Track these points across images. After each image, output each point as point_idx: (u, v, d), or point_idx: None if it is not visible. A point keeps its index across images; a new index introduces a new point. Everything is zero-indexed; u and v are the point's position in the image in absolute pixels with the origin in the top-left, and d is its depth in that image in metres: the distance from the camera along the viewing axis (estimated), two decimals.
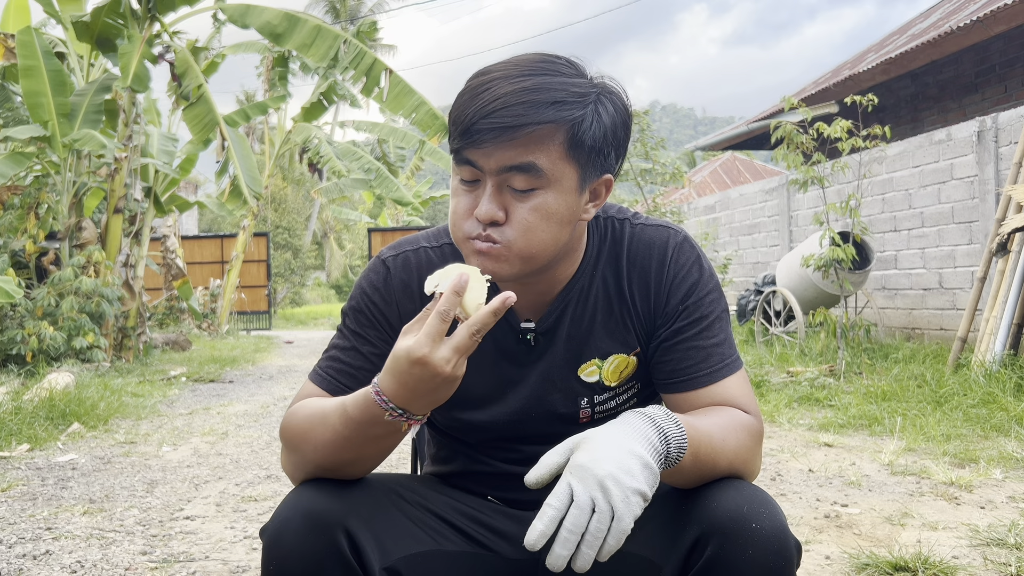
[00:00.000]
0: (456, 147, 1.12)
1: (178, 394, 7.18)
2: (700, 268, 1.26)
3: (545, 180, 1.11)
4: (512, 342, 1.28)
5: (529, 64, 1.12)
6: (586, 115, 1.11)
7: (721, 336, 1.24)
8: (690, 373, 1.22)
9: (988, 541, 2.55)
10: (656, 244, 1.26)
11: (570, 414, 1.29)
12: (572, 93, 1.10)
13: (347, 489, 1.14)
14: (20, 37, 8.21)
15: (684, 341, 1.23)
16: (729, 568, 1.03)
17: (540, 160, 1.09)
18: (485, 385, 1.29)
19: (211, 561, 2.63)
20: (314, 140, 16.08)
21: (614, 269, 1.27)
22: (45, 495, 3.57)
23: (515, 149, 1.09)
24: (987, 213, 6.67)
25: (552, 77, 1.10)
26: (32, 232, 8.74)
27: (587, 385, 1.28)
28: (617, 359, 1.28)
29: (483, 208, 1.11)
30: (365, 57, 9.29)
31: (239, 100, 35.73)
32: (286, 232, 30.92)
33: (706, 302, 1.24)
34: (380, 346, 1.26)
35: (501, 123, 1.07)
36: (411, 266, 1.30)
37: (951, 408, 4.66)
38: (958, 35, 8.63)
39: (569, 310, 1.27)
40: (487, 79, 1.11)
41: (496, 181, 1.11)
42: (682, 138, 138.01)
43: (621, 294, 1.27)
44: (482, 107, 1.08)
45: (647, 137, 10.27)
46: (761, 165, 25.73)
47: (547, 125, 1.08)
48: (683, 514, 1.11)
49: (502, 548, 1.28)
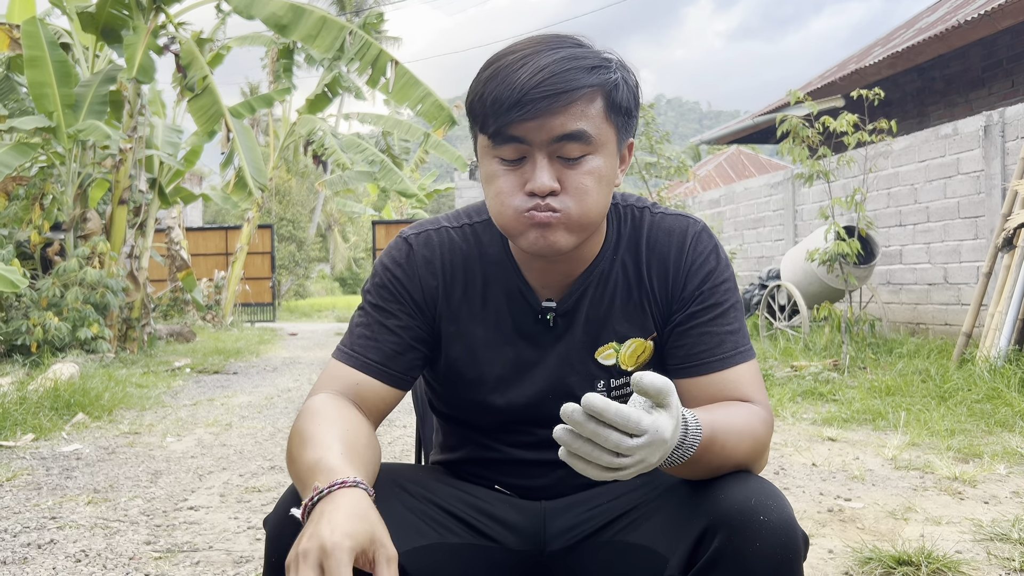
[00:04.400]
0: (500, 125, 1.11)
1: (182, 385, 7.19)
2: (717, 257, 1.27)
3: (594, 145, 1.13)
4: (531, 322, 1.28)
5: (551, 40, 1.14)
6: (618, 79, 1.15)
7: (736, 325, 1.24)
8: (703, 358, 1.22)
9: (991, 536, 2.55)
10: (676, 232, 1.28)
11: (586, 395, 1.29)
12: (602, 59, 1.14)
13: None
14: (25, 27, 8.21)
15: (698, 326, 1.24)
16: (736, 560, 1.03)
17: (589, 126, 1.12)
18: (503, 365, 1.29)
19: (215, 551, 2.64)
20: (319, 132, 16.07)
21: (634, 255, 1.28)
22: (50, 485, 3.58)
23: (565, 116, 1.10)
24: (993, 208, 6.65)
25: (579, 48, 1.14)
26: (37, 223, 8.75)
27: (604, 368, 1.29)
28: (635, 343, 1.28)
29: (541, 180, 1.11)
30: (371, 48, 9.27)
31: (244, 92, 35.70)
32: (290, 224, 30.91)
33: (721, 290, 1.25)
34: (404, 319, 1.27)
35: (553, 90, 1.08)
36: (433, 244, 1.30)
37: (955, 403, 4.66)
38: (965, 29, 8.59)
39: (589, 292, 1.28)
40: (519, 56, 1.12)
41: (548, 152, 1.12)
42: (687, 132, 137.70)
43: (640, 279, 1.28)
44: (528, 79, 1.09)
45: (652, 131, 10.26)
46: (766, 159, 25.67)
47: (591, 89, 1.11)
48: (690, 506, 1.11)
49: (507, 539, 1.28)
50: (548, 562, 1.28)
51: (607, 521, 1.24)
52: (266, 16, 9.18)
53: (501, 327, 1.28)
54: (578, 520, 1.27)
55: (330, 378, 1.25)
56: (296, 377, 7.97)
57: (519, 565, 1.28)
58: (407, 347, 1.27)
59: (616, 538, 1.21)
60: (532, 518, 1.30)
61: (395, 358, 1.26)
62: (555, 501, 1.32)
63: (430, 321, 1.29)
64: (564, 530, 1.28)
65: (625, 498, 1.25)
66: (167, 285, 15.58)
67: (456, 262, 1.29)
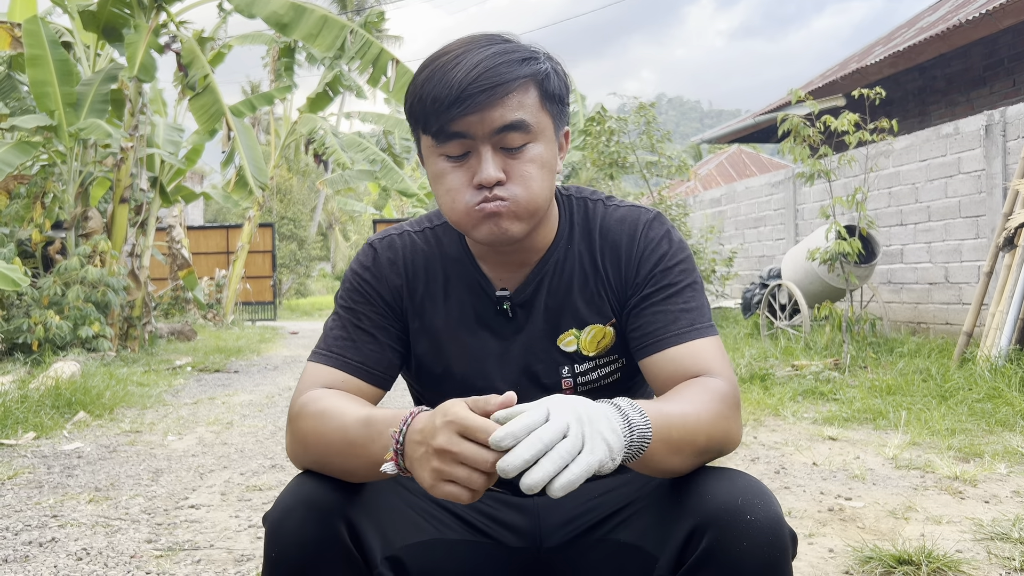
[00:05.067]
0: (442, 124, 1.15)
1: (183, 384, 7.20)
2: (670, 241, 1.30)
3: (534, 133, 1.18)
4: (492, 313, 1.32)
5: (480, 39, 1.20)
6: (548, 69, 1.20)
7: (692, 304, 1.26)
8: (659, 335, 1.23)
9: (992, 535, 2.55)
10: (628, 220, 1.32)
11: (552, 384, 1.31)
12: (531, 52, 1.20)
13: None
14: (27, 26, 8.21)
15: (652, 306, 1.26)
16: (724, 559, 1.03)
17: (526, 115, 1.17)
18: (468, 357, 1.32)
19: (216, 549, 2.64)
20: (320, 131, 16.08)
21: (588, 244, 1.32)
22: (51, 483, 3.58)
23: (504, 108, 1.15)
24: (994, 207, 6.65)
25: (509, 43, 1.19)
26: (38, 221, 8.76)
27: (566, 355, 1.31)
28: (594, 329, 1.31)
29: (487, 172, 1.16)
30: (371, 47, 9.28)
31: (245, 91, 35.72)
32: (291, 223, 30.93)
33: (675, 271, 1.27)
34: (377, 319, 1.30)
35: (489, 83, 1.13)
36: (396, 247, 1.35)
37: (956, 403, 4.66)
38: (966, 28, 8.59)
39: (546, 282, 1.31)
40: (452, 56, 1.17)
41: (491, 143, 1.16)
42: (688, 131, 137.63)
43: (595, 266, 1.31)
44: (465, 75, 1.13)
45: (653, 130, 10.25)
46: (767, 158, 25.66)
47: (524, 79, 1.16)
48: (678, 505, 1.11)
49: (504, 536, 1.28)
50: (545, 559, 1.28)
51: (600, 518, 1.24)
52: (267, 15, 9.19)
53: (463, 320, 1.32)
54: (572, 516, 1.28)
55: (311, 380, 1.25)
56: (297, 376, 7.97)
57: (516, 562, 1.28)
58: (383, 345, 1.30)
59: (608, 536, 1.22)
60: (527, 515, 1.30)
61: (373, 356, 1.28)
62: (547, 496, 1.32)
63: (400, 319, 1.33)
64: (559, 526, 1.28)
65: (617, 494, 1.25)
66: (168, 284, 15.59)
67: (418, 262, 1.34)
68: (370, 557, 1.10)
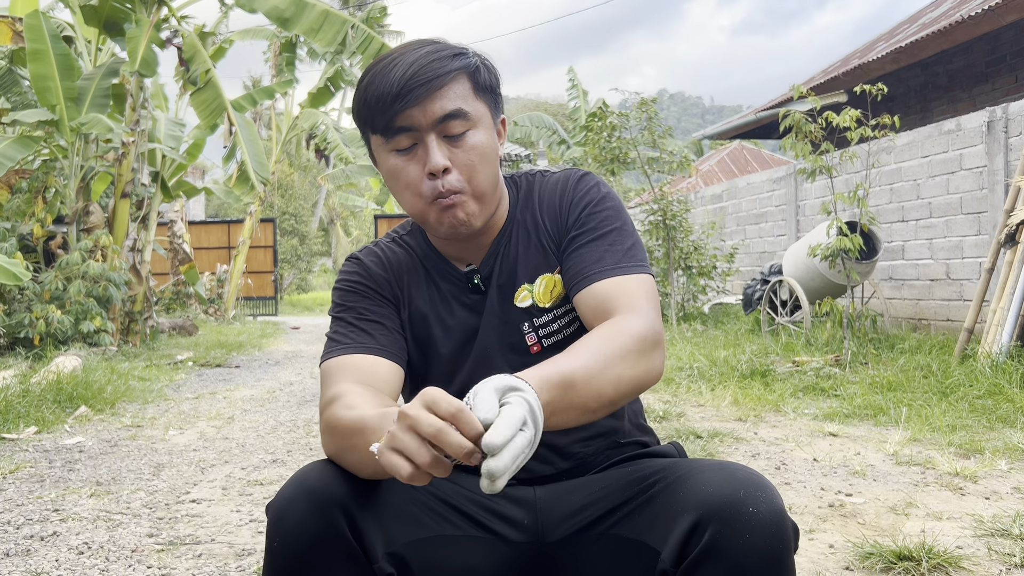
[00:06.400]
0: (388, 120, 1.25)
1: (185, 378, 7.21)
2: (599, 190, 1.39)
3: (472, 120, 1.28)
4: (465, 292, 1.40)
5: (413, 43, 1.31)
6: (476, 62, 1.31)
7: (619, 245, 1.32)
8: (585, 273, 1.30)
9: (992, 531, 2.55)
10: (561, 179, 1.44)
11: (519, 343, 1.37)
12: (458, 48, 1.31)
13: (352, 473, 1.15)
14: (28, 21, 8.21)
15: (580, 247, 1.34)
16: (727, 553, 1.03)
17: (463, 104, 1.27)
18: (449, 337, 1.39)
19: (217, 544, 2.65)
20: (321, 126, 16.07)
21: (530, 209, 1.43)
22: (52, 477, 3.59)
23: (443, 99, 1.25)
24: (996, 204, 6.64)
25: (438, 43, 1.31)
26: (40, 216, 8.76)
27: (524, 311, 1.38)
28: (544, 279, 1.38)
29: (435, 159, 1.25)
30: (373, 42, 9.27)
31: (246, 85, 35.67)
32: (293, 218, 30.94)
33: (601, 216, 1.35)
34: (377, 309, 1.38)
35: (426, 77, 1.23)
36: (376, 252, 1.46)
37: (957, 399, 4.65)
38: (969, 24, 8.57)
39: (500, 252, 1.41)
40: (389, 60, 1.27)
41: (436, 132, 1.26)
42: (690, 127, 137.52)
43: (536, 223, 1.41)
44: (403, 73, 1.23)
45: (654, 125, 10.24)
46: (769, 154, 25.63)
47: (456, 72, 1.27)
48: (679, 499, 1.11)
49: (506, 531, 1.29)
50: (547, 554, 1.29)
51: (602, 513, 1.25)
52: (268, 10, 9.18)
53: (444, 302, 1.40)
54: (573, 511, 1.28)
55: (336, 374, 1.27)
56: (298, 371, 7.98)
57: (520, 557, 1.28)
58: (390, 330, 1.37)
59: (610, 531, 1.22)
60: (528, 510, 1.31)
61: (385, 338, 1.34)
62: (546, 488, 1.33)
63: (396, 309, 1.40)
64: (560, 520, 1.29)
65: (618, 488, 1.26)
66: (170, 279, 15.61)
67: (398, 260, 1.44)
68: (370, 551, 1.10)
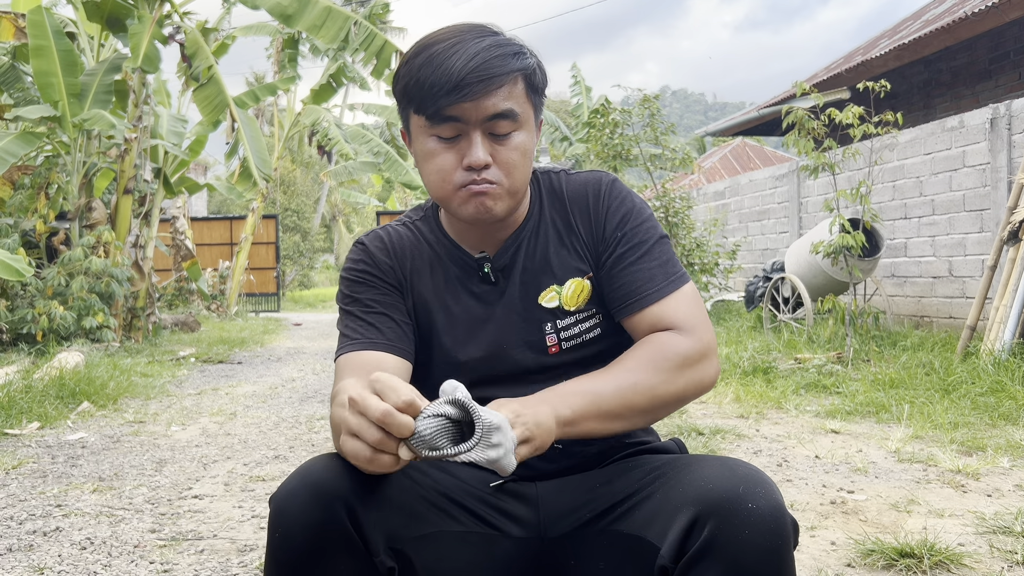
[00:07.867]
0: (438, 108, 1.23)
1: (187, 374, 7.22)
2: (632, 200, 1.40)
3: (519, 122, 1.27)
4: (475, 280, 1.40)
5: (473, 29, 1.28)
6: (535, 64, 1.30)
7: (664, 257, 1.36)
8: (640, 294, 1.32)
9: (994, 529, 2.55)
10: (590, 183, 1.43)
11: (537, 342, 1.37)
12: (520, 46, 1.28)
13: (356, 467, 1.15)
14: (31, 17, 8.21)
15: (629, 265, 1.34)
16: (726, 549, 1.03)
17: (515, 105, 1.26)
18: (457, 325, 1.38)
19: (219, 539, 2.66)
20: (323, 123, 16.07)
21: (559, 208, 1.42)
22: (55, 473, 3.60)
23: (497, 98, 1.24)
24: (999, 201, 6.63)
25: (500, 36, 1.28)
26: (42, 212, 8.78)
27: (548, 311, 1.38)
28: (574, 283, 1.38)
29: (477, 155, 1.24)
30: (375, 39, 9.27)
31: (249, 82, 35.64)
32: (295, 214, 30.95)
33: (643, 229, 1.37)
34: (384, 299, 1.38)
35: (486, 74, 1.21)
36: (382, 237, 1.45)
37: (959, 396, 4.65)
38: (972, 21, 8.55)
39: (524, 245, 1.40)
40: (448, 44, 1.24)
41: (482, 129, 1.25)
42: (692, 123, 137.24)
43: (568, 225, 1.41)
44: (463, 65, 1.21)
45: (657, 122, 10.21)
46: (771, 151, 25.61)
47: (515, 73, 1.26)
48: (679, 495, 1.12)
49: (508, 527, 1.29)
50: (548, 549, 1.29)
51: (602, 509, 1.25)
52: (271, 6, 9.18)
53: (449, 288, 1.40)
54: (574, 505, 1.29)
55: (346, 369, 1.29)
56: (301, 367, 7.99)
57: (522, 553, 1.29)
58: (398, 322, 1.37)
59: (611, 527, 1.23)
60: (530, 505, 1.31)
61: (393, 332, 1.35)
62: (547, 483, 1.34)
63: (401, 297, 1.41)
64: (561, 516, 1.29)
65: (618, 484, 1.26)
66: (172, 275, 15.62)
67: (404, 244, 1.44)
68: (372, 544, 1.11)
